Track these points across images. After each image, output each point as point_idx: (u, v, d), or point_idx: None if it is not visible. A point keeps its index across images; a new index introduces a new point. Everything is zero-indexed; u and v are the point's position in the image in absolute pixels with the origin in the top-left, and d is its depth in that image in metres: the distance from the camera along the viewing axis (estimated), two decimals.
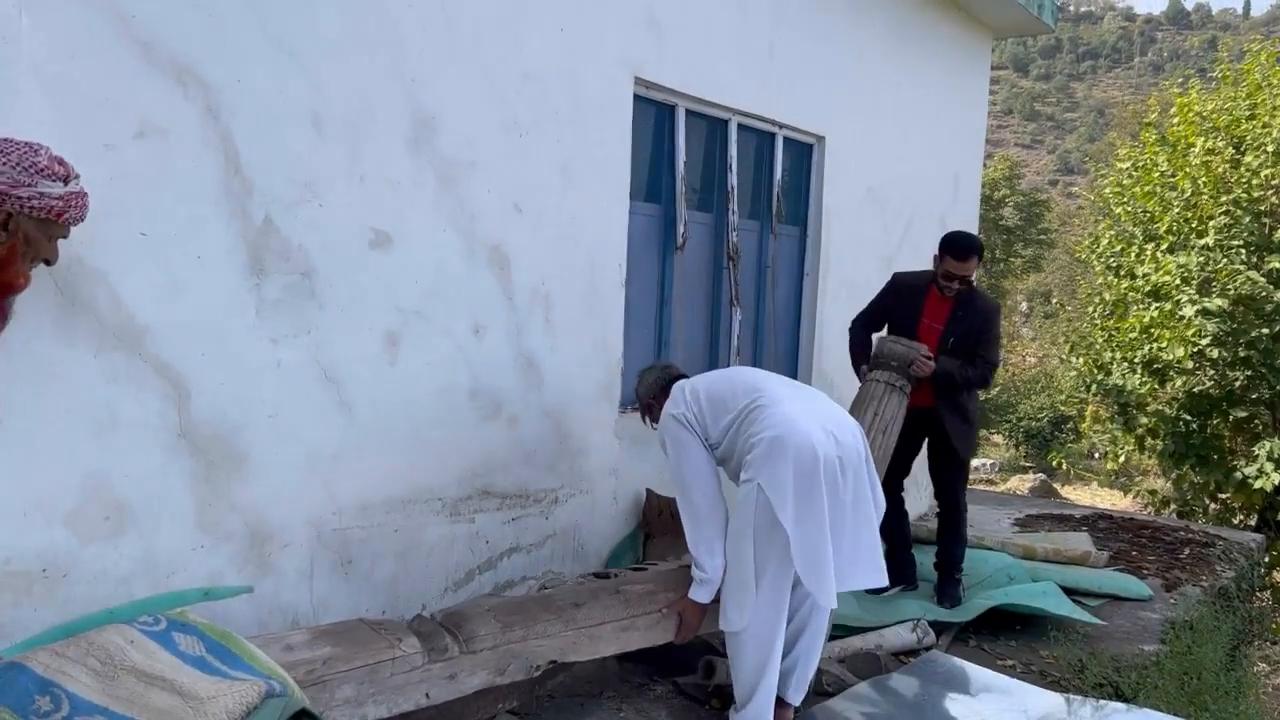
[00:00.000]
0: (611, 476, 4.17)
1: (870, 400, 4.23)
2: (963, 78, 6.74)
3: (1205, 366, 8.85)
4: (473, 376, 3.51)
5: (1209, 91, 10.14)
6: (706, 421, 3.12)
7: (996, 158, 40.03)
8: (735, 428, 3.04)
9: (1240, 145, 8.96)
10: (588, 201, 3.94)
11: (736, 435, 3.04)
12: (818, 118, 5.31)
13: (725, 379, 3.23)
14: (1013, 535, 6.12)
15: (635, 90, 4.14)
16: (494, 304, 3.58)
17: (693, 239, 4.66)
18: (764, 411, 2.99)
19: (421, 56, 3.22)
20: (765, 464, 2.87)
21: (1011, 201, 32.15)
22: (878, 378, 4.25)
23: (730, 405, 3.08)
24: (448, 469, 3.46)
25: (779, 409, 3.00)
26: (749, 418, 3.00)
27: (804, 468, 2.86)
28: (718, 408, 3.10)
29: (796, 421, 2.94)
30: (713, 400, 3.13)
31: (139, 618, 2.29)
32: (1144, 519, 7.33)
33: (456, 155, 3.37)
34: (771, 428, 2.93)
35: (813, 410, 3.08)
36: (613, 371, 4.17)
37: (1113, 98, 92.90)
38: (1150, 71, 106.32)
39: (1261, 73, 9.28)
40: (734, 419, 3.05)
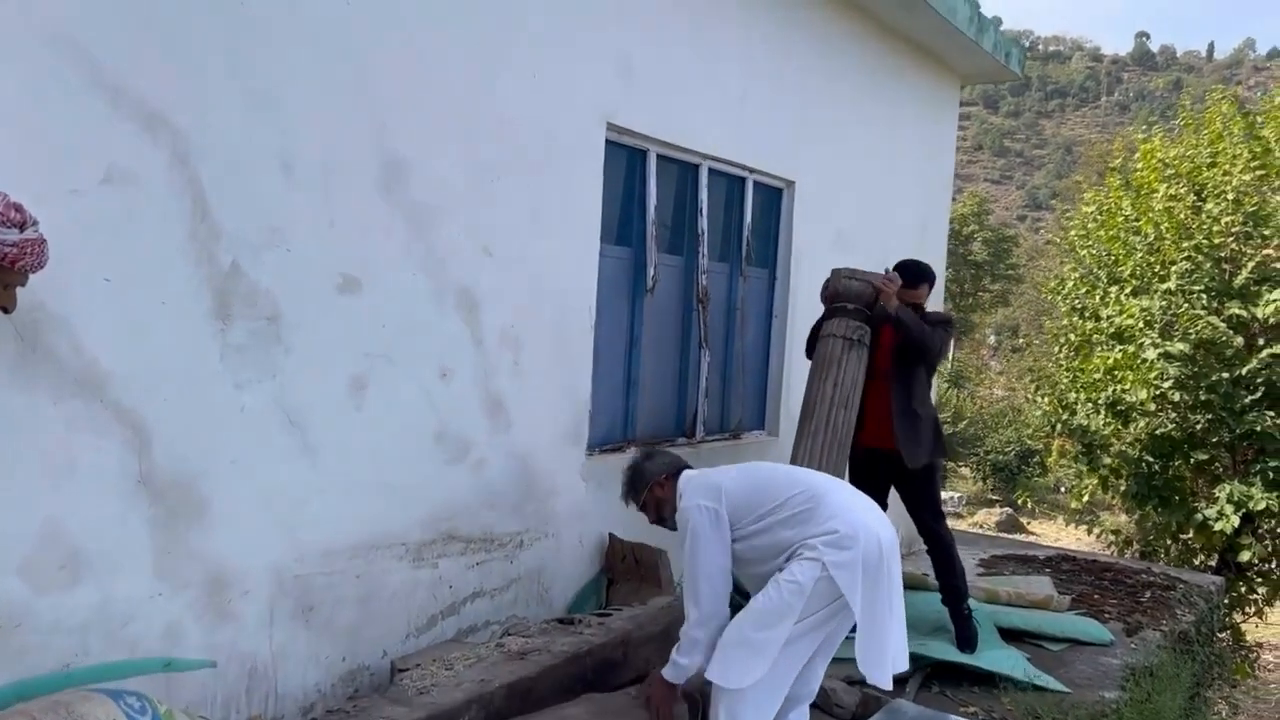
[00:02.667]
0: (578, 520, 4.16)
1: (829, 366, 4.22)
2: (931, 124, 6.85)
3: (1167, 409, 8.98)
4: (439, 420, 3.51)
5: (1172, 138, 10.37)
6: (738, 511, 3.07)
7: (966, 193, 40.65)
8: (778, 520, 3.01)
9: (1201, 192, 9.15)
10: (558, 245, 3.97)
11: (781, 527, 3.01)
12: (788, 162, 5.38)
13: (751, 472, 3.20)
14: (976, 578, 6.16)
15: (607, 135, 4.18)
16: (462, 347, 3.58)
17: (663, 281, 4.70)
18: (821, 502, 3.01)
19: (393, 102, 3.24)
20: (833, 550, 2.88)
21: (980, 237, 32.61)
22: (834, 330, 4.27)
23: (768, 498, 3.06)
24: (412, 513, 3.44)
25: (833, 501, 3.03)
26: (803, 511, 3.00)
27: (870, 559, 2.90)
28: (750, 501, 3.07)
29: (857, 514, 3.00)
30: (745, 494, 3.09)
31: (124, 698, 2.24)
32: (1106, 561, 7.40)
33: (427, 199, 3.38)
34: (835, 518, 2.95)
35: (857, 499, 3.12)
36: (581, 414, 4.18)
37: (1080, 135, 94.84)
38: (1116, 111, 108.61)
39: (1223, 121, 9.49)
40: (774, 511, 3.02)
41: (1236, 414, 8.51)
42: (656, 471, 3.27)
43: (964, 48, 6.48)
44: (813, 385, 4.31)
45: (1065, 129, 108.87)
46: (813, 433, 4.19)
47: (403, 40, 3.26)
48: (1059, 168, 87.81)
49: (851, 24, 5.80)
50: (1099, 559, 7.50)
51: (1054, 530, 18.78)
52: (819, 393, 4.26)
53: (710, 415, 5.14)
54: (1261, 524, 8.99)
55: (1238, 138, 9.28)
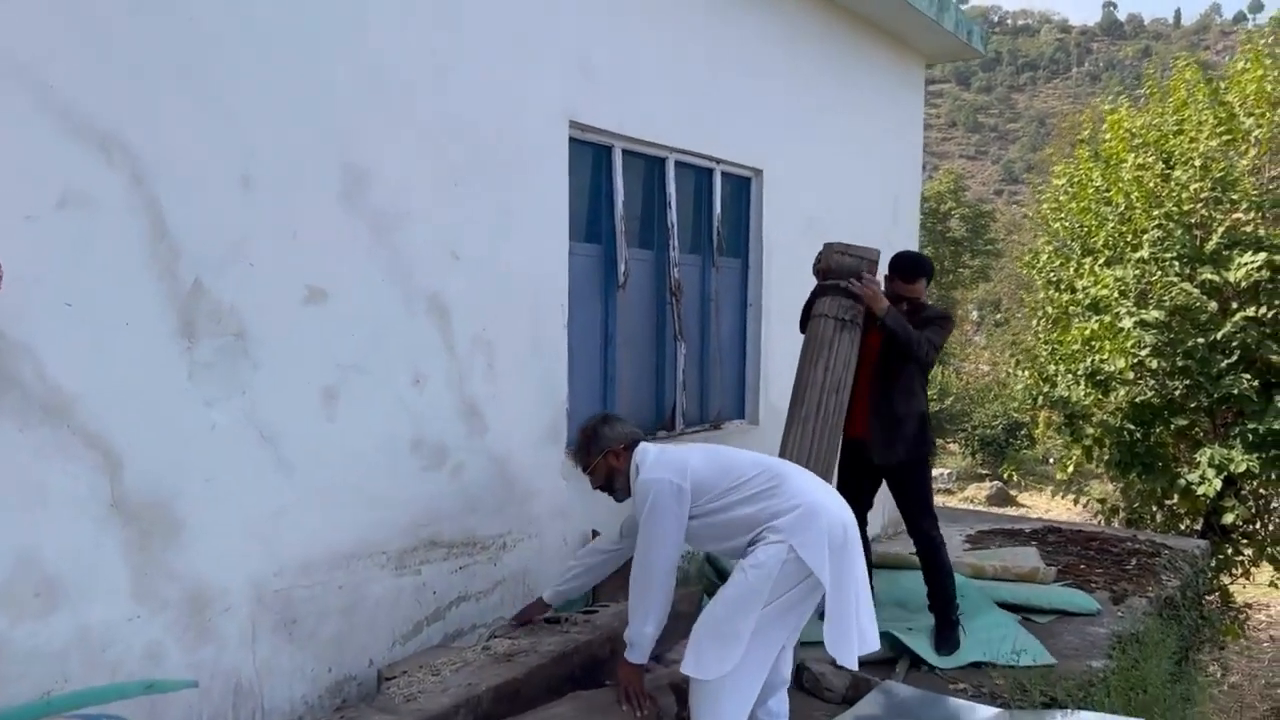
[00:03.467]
0: (560, 518, 4.17)
1: (820, 348, 4.10)
2: (898, 104, 6.87)
3: (1146, 377, 9.04)
4: (415, 427, 3.51)
5: (1138, 107, 10.43)
6: (701, 486, 3.08)
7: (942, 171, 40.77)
8: (739, 498, 3.03)
9: (1170, 160, 9.20)
10: (527, 245, 3.97)
11: (741, 505, 3.02)
12: (755, 151, 5.39)
13: (714, 453, 3.20)
14: (963, 554, 6.20)
15: (570, 133, 4.17)
16: (434, 353, 3.58)
17: (634, 276, 4.70)
18: (784, 483, 3.03)
19: (351, 111, 3.23)
20: (799, 530, 2.90)
21: (958, 213, 32.70)
22: (825, 310, 4.14)
23: (729, 477, 3.07)
24: (391, 521, 3.44)
25: (795, 480, 3.06)
26: (765, 490, 3.02)
27: (836, 538, 2.92)
28: (712, 480, 3.08)
29: (819, 494, 3.03)
30: (708, 473, 3.09)
31: None
32: (1091, 530, 7.46)
33: (390, 207, 3.37)
34: (798, 496, 2.98)
35: (819, 483, 3.15)
36: (558, 413, 4.18)
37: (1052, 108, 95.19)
38: (1087, 81, 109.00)
39: (1187, 89, 9.55)
40: (735, 489, 3.04)
41: (1214, 378, 8.58)
42: (614, 439, 3.27)
43: (925, 28, 6.50)
44: (803, 369, 4.18)
45: (1038, 102, 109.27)
46: (803, 419, 4.07)
47: (358, 48, 3.25)
48: (1033, 140, 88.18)
49: (813, 9, 5.81)
50: (1085, 529, 7.56)
51: (1043, 501, 18.94)
52: (809, 377, 4.13)
53: (689, 407, 5.15)
54: (1243, 485, 9.09)
55: (1203, 104, 9.34)
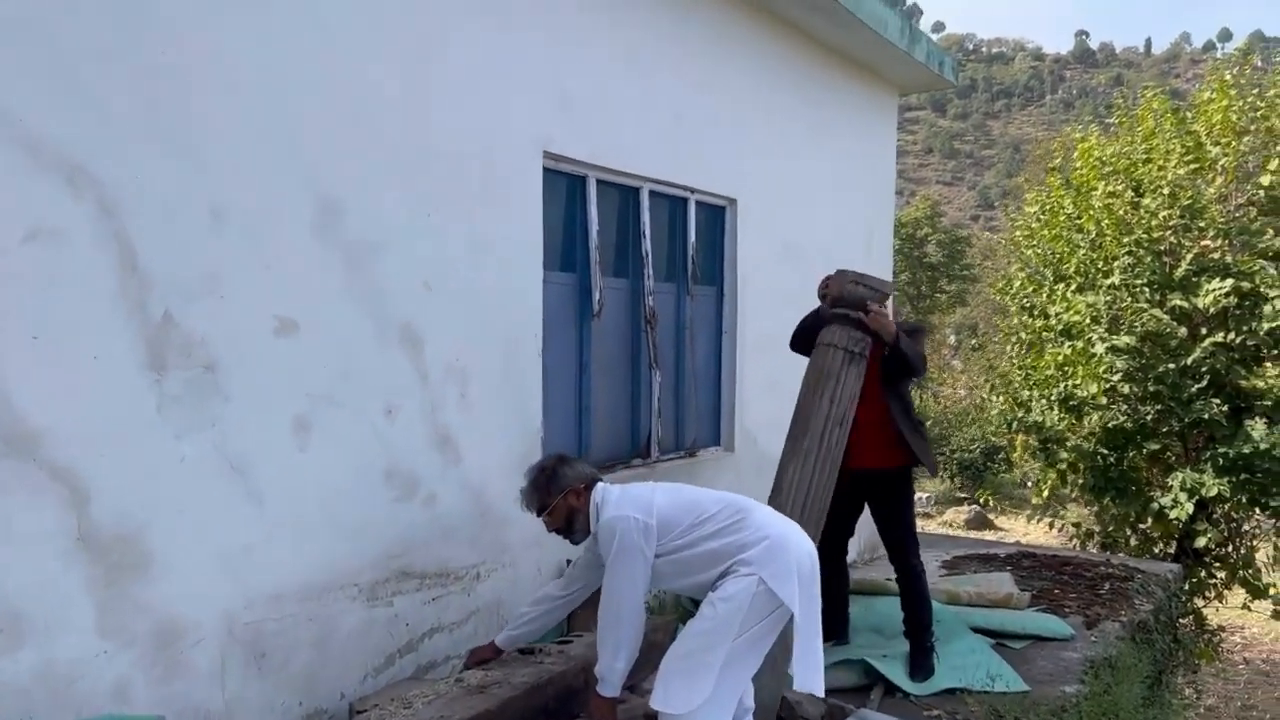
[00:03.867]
0: (535, 547, 4.16)
1: (826, 379, 3.99)
2: (871, 133, 6.96)
3: (1118, 401, 9.13)
4: (387, 457, 3.50)
5: (1108, 136, 10.59)
6: (665, 523, 3.08)
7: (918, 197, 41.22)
8: (704, 534, 3.04)
9: (1139, 188, 9.34)
10: (500, 275, 3.98)
11: (707, 540, 3.03)
12: (729, 180, 5.44)
13: (676, 490, 3.20)
14: (939, 579, 6.22)
15: (545, 163, 4.21)
16: (407, 383, 3.58)
17: (609, 305, 4.72)
18: (748, 516, 3.05)
19: (324, 142, 3.24)
20: (768, 561, 2.92)
21: (934, 239, 33.03)
22: (834, 340, 4.04)
23: (693, 513, 3.08)
24: (364, 552, 3.43)
25: (758, 514, 3.08)
26: (731, 524, 3.03)
27: (804, 569, 2.95)
28: (677, 516, 3.08)
29: (783, 526, 3.05)
30: (672, 510, 3.10)
31: None
32: (1066, 555, 7.50)
33: (364, 237, 3.38)
34: (764, 529, 3.00)
35: (782, 518, 3.17)
36: (532, 441, 4.18)
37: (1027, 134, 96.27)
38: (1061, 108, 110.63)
39: (1155, 119, 9.71)
40: (700, 525, 3.05)
41: (1184, 403, 8.67)
42: (574, 478, 3.22)
43: (897, 59, 6.60)
44: (807, 399, 4.05)
45: (1013, 128, 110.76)
46: (805, 452, 3.96)
47: (330, 80, 3.27)
48: (1008, 166, 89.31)
49: (787, 41, 5.88)
50: (1059, 554, 7.60)
51: (1021, 526, 18.97)
52: (814, 407, 4.00)
53: (665, 435, 5.17)
54: (1215, 509, 9.16)
55: (1170, 133, 9.49)
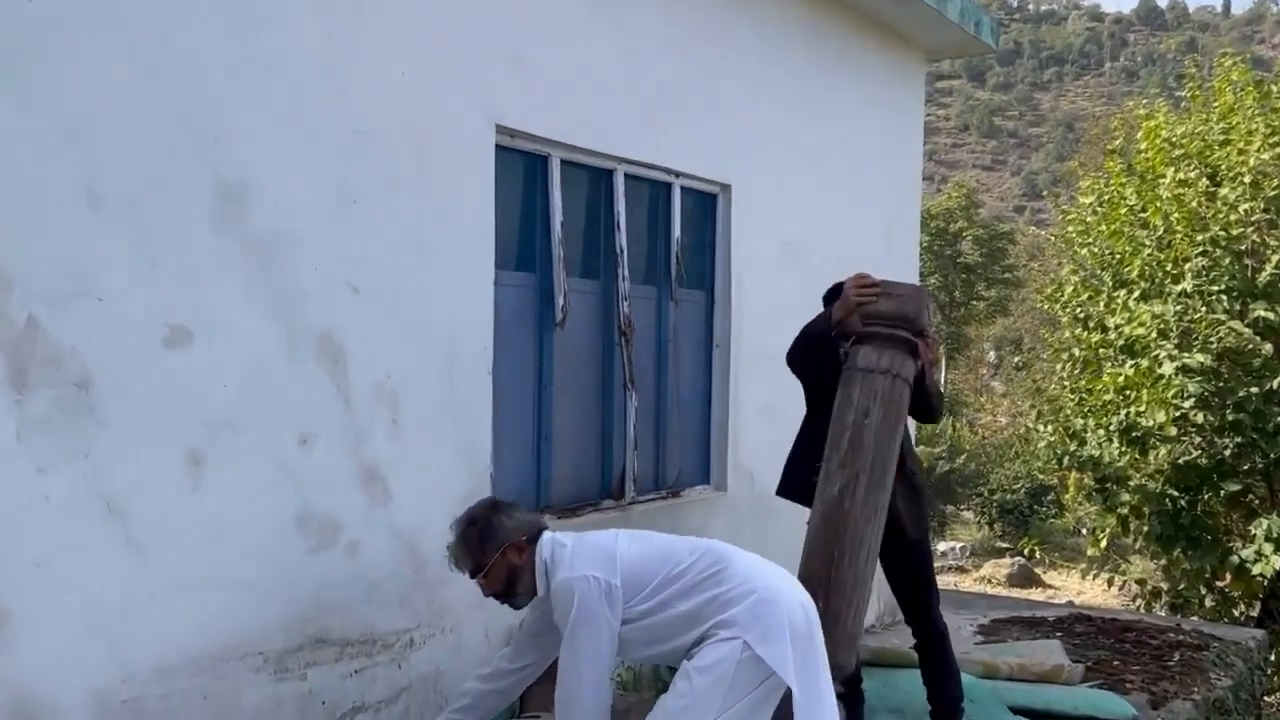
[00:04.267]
0: (480, 609, 4.12)
1: (893, 418, 3.87)
2: (894, 107, 7.03)
3: (1190, 433, 9.24)
4: (301, 497, 3.49)
5: (1179, 113, 10.74)
6: (633, 580, 3.09)
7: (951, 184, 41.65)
8: (676, 591, 3.06)
9: (1216, 176, 9.47)
10: (442, 275, 3.99)
11: (679, 599, 3.05)
12: (721, 163, 5.48)
13: (643, 538, 3.23)
14: (973, 648, 6.25)
15: (497, 140, 4.22)
16: (326, 406, 3.57)
17: (575, 312, 4.73)
18: (730, 566, 3.06)
19: (227, 113, 3.25)
20: (755, 621, 2.93)
21: (970, 235, 33.36)
22: (869, 363, 3.89)
23: (663, 566, 3.10)
24: (271, 614, 3.41)
25: (741, 562, 3.10)
26: (709, 577, 3.04)
27: (799, 627, 2.97)
28: (645, 572, 3.10)
29: (772, 576, 3.07)
30: (639, 563, 3.11)
31: None
32: (1128, 619, 7.56)
33: (274, 229, 3.38)
34: (749, 580, 3.01)
35: (767, 564, 3.19)
36: (480, 478, 4.17)
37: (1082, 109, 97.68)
38: (1123, 79, 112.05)
39: (1234, 92, 9.85)
40: (671, 580, 3.07)
41: (1270, 435, 8.77)
42: (514, 530, 3.21)
43: (926, 19, 6.67)
44: (878, 440, 3.89)
45: (1065, 102, 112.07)
46: (879, 507, 3.87)
47: (238, 43, 3.27)
48: (1059, 148, 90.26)
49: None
50: (1120, 617, 7.66)
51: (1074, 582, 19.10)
52: (887, 451, 3.88)
53: (642, 471, 5.18)
54: None
55: (1253, 110, 9.61)
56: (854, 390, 3.94)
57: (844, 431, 3.92)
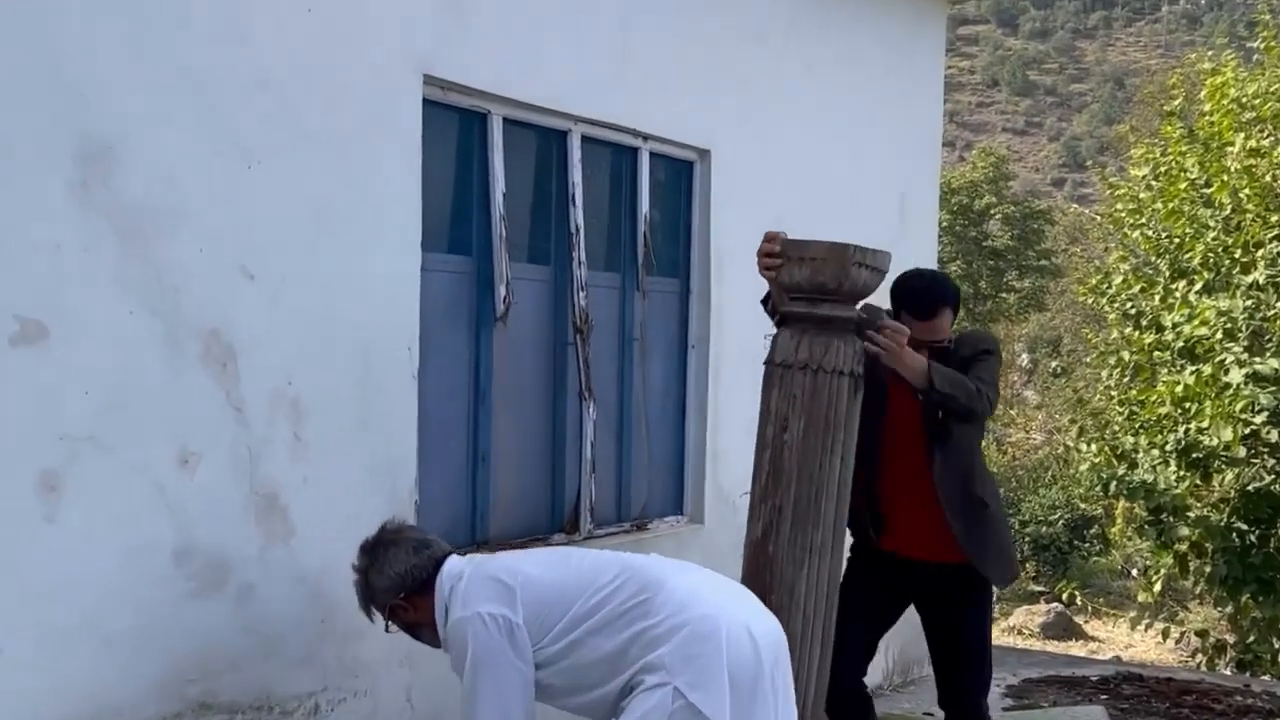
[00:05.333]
0: (403, 667, 4.13)
1: (830, 426, 3.73)
2: (908, 57, 7.07)
3: (1263, 454, 9.33)
4: (180, 530, 3.46)
5: (1249, 68, 10.85)
6: (541, 616, 3.10)
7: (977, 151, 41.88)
8: (593, 626, 3.07)
9: None
10: (357, 257, 3.98)
11: (598, 636, 3.06)
12: (699, 123, 5.50)
13: (557, 561, 3.26)
14: (1001, 715, 6.28)
15: (426, 93, 4.22)
16: (212, 418, 3.55)
17: (521, 304, 4.73)
18: (660, 591, 3.05)
19: (94, 63, 3.22)
20: (685, 663, 2.93)
21: (999, 213, 33.55)
22: (785, 355, 3.80)
23: (583, 593, 3.10)
24: (144, 674, 3.38)
25: (676, 584, 3.08)
26: (634, 606, 3.04)
27: (742, 662, 2.95)
28: (555, 603, 3.11)
29: (715, 602, 3.05)
30: (549, 586, 3.13)
31: None
32: (1187, 678, 7.64)
33: (150, 200, 3.36)
34: (684, 609, 3.00)
35: (713, 581, 3.19)
36: (402, 506, 4.15)
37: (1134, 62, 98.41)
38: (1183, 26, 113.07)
39: None
40: (588, 613, 3.07)
41: None
42: (391, 589, 3.26)
43: None
44: (805, 459, 3.78)
45: (1114, 53, 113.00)
46: (820, 547, 3.78)
47: None
48: (1107, 109, 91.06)
49: None
50: (1176, 676, 7.74)
51: (1122, 634, 19.25)
52: (824, 472, 3.78)
53: (601, 498, 5.18)
54: None
55: None
56: (770, 395, 3.85)
57: (763, 452, 3.84)
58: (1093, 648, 17.87)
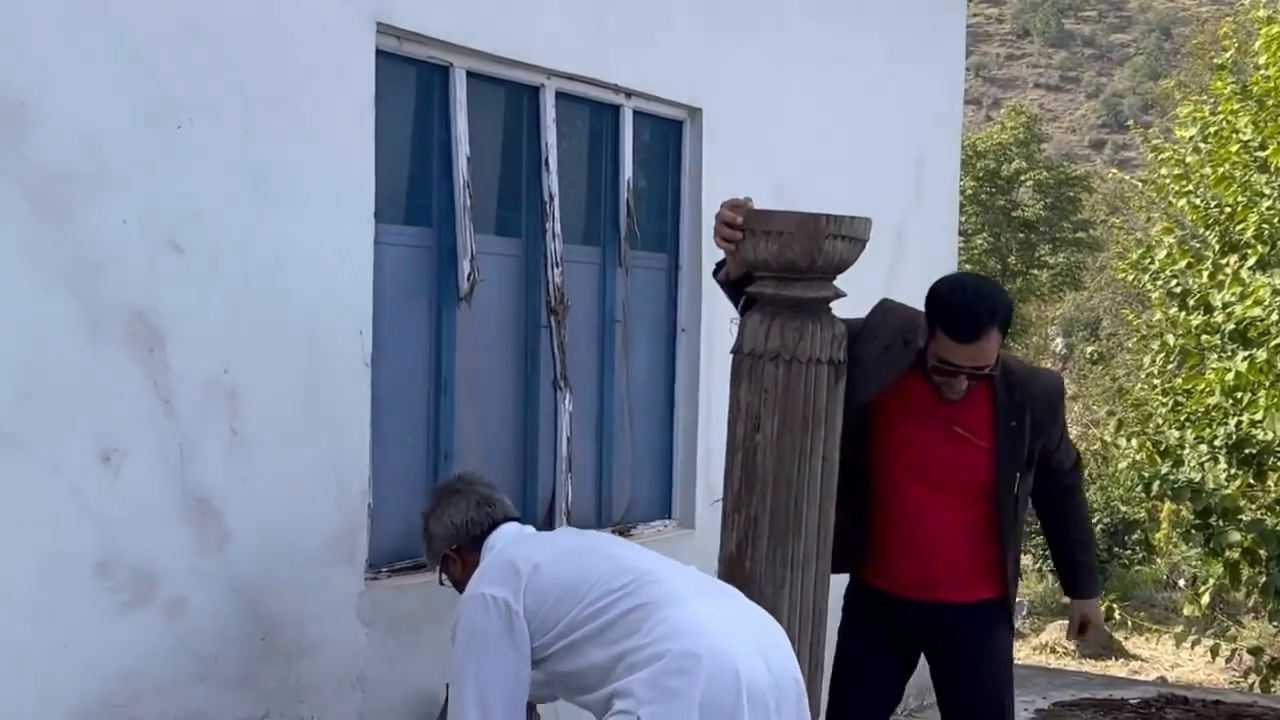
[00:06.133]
0: (354, 689, 4.14)
1: (810, 423, 3.70)
2: (924, 3, 7.07)
3: None
4: (102, 536, 3.46)
5: None
6: (544, 611, 3.19)
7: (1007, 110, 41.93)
8: (590, 631, 3.13)
9: None
10: (301, 229, 3.98)
11: (592, 643, 3.13)
12: (689, 78, 5.50)
13: (579, 549, 3.34)
14: None
15: (379, 44, 4.21)
16: (138, 410, 3.54)
17: (489, 281, 4.73)
18: (658, 609, 3.09)
19: None
20: (656, 691, 2.96)
21: (1032, 179, 33.59)
22: (754, 344, 3.74)
23: (586, 592, 3.17)
24: (62, 697, 3.38)
25: (681, 609, 3.11)
26: (631, 615, 3.09)
27: (719, 702, 2.97)
28: (563, 593, 3.19)
29: (710, 631, 3.07)
30: (558, 581, 3.21)
31: None
32: (1238, 700, 7.68)
33: (66, 164, 3.35)
34: (672, 637, 3.03)
35: (729, 613, 3.21)
36: (353, 511, 4.17)
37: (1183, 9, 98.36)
38: None
39: None
40: (596, 614, 3.13)
41: None
42: (445, 537, 3.50)
43: None
44: (782, 458, 3.75)
45: (1159, 1, 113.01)
46: (801, 561, 3.77)
47: None
48: (1152, 62, 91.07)
49: None
50: (1226, 699, 7.76)
51: (1166, 652, 19.33)
52: (801, 476, 3.75)
53: (579, 500, 5.20)
54: None
55: None
56: (739, 389, 3.81)
57: (733, 455, 3.81)
58: (1135, 667, 17.95)
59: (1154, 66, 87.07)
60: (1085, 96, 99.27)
